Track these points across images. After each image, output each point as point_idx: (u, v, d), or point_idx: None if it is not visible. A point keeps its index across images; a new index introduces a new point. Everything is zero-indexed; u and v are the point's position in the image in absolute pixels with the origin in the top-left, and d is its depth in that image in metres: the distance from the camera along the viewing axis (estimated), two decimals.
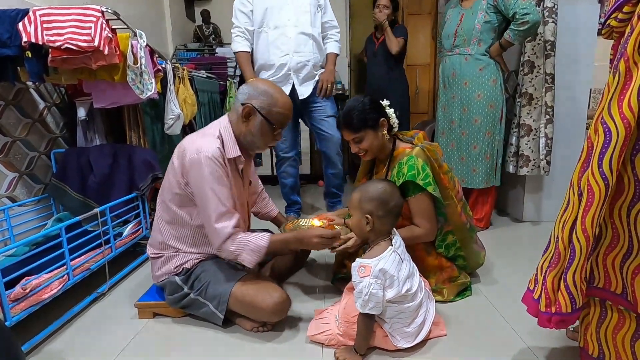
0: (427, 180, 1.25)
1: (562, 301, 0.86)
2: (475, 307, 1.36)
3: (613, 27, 0.84)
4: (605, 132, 0.77)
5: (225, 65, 3.31)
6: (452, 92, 2.10)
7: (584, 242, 0.81)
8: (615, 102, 0.77)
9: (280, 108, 1.24)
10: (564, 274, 0.86)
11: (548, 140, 2.02)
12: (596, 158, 0.79)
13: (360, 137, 1.33)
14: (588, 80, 2.15)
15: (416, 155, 1.28)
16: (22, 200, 1.71)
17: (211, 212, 1.16)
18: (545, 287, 0.89)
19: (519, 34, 1.85)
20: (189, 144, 1.22)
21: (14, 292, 1.13)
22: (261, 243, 1.19)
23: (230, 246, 1.18)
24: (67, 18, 1.37)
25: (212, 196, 1.16)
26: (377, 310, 1.03)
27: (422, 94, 4.28)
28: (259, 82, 1.27)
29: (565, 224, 0.86)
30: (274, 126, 1.25)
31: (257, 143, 1.28)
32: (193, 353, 1.14)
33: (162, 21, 3.38)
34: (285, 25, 2.07)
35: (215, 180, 1.17)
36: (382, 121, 1.33)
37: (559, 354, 1.09)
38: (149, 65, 1.68)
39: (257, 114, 1.23)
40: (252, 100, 1.23)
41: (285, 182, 2.33)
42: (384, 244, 1.08)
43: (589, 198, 0.80)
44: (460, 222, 1.37)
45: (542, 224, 2.24)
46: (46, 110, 1.87)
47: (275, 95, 1.24)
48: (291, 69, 2.10)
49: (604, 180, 0.77)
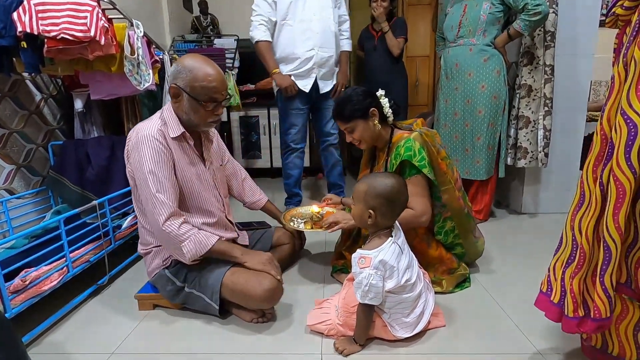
0: (422, 162, 1.26)
1: (600, 305, 0.80)
2: (474, 298, 1.37)
3: (619, 15, 0.82)
4: (628, 125, 0.74)
5: (223, 56, 3.28)
6: (455, 83, 2.08)
7: (619, 239, 0.77)
8: (633, 93, 0.74)
9: (201, 81, 1.17)
10: (600, 277, 0.80)
11: (546, 132, 2.02)
12: (622, 152, 0.75)
13: (352, 127, 1.36)
14: (588, 72, 2.14)
15: (414, 138, 1.29)
16: (20, 192, 1.70)
17: (151, 190, 1.14)
18: (572, 291, 0.85)
19: (530, 25, 1.85)
20: (132, 130, 1.20)
21: (14, 284, 1.13)
22: (210, 239, 1.19)
23: (178, 227, 1.15)
24: (62, 7, 1.35)
25: (150, 175, 1.14)
26: (377, 300, 1.03)
27: (422, 86, 4.26)
28: (184, 59, 1.21)
29: (588, 222, 0.82)
30: (202, 102, 1.19)
31: (195, 121, 1.23)
32: (193, 344, 1.15)
33: (159, 12, 3.33)
34: (310, 20, 2.08)
35: (153, 159, 1.15)
36: (372, 111, 1.34)
37: (560, 346, 1.10)
38: (147, 56, 1.67)
39: (182, 93, 1.19)
40: (177, 80, 1.19)
41: (292, 172, 2.31)
42: (384, 235, 1.09)
43: (619, 193, 0.76)
44: (459, 206, 1.37)
45: (540, 216, 2.25)
46: (43, 101, 1.85)
47: (196, 70, 1.17)
48: (316, 64, 2.11)
49: (634, 174, 0.74)
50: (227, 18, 3.90)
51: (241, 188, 1.61)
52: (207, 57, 1.23)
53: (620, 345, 0.90)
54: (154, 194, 1.14)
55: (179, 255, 1.19)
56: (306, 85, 2.15)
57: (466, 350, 1.09)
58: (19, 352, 0.80)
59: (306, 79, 2.14)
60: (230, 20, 3.89)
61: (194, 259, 1.18)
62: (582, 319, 0.85)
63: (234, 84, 3.12)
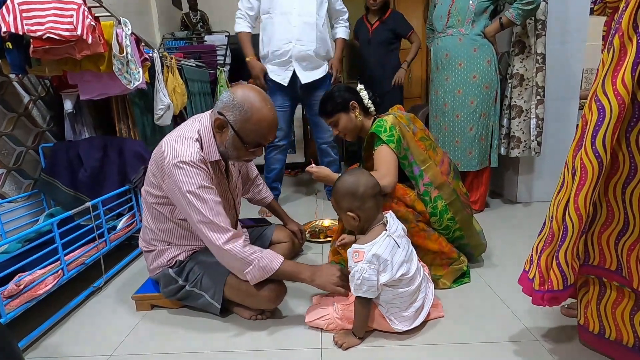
0: (391, 138, 1.32)
1: (554, 279, 0.87)
2: (472, 288, 1.37)
3: (607, 2, 0.83)
4: (599, 110, 0.76)
5: (214, 53, 3.25)
6: (446, 73, 2.08)
7: (577, 220, 0.81)
8: (609, 79, 0.76)
9: (254, 125, 1.10)
10: (556, 252, 0.86)
11: (539, 121, 2.02)
12: (589, 136, 0.78)
13: (335, 121, 1.47)
14: (580, 60, 2.15)
15: (385, 119, 1.36)
16: (12, 196, 1.68)
17: (206, 216, 1.09)
18: (540, 266, 0.90)
19: (523, 14, 1.85)
20: (167, 146, 1.12)
21: (8, 288, 1.11)
22: (273, 265, 1.12)
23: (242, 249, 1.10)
24: (46, 6, 1.32)
25: (200, 202, 1.09)
26: (371, 294, 1.04)
27: (415, 79, 4.26)
28: (239, 90, 1.12)
29: (560, 203, 0.86)
30: (246, 145, 1.14)
31: (230, 156, 1.19)
32: (192, 343, 1.14)
33: (147, 9, 3.29)
34: (290, 13, 2.08)
35: (202, 186, 1.09)
36: (352, 104, 1.44)
37: (556, 333, 1.11)
38: (136, 55, 1.64)
39: (229, 128, 1.12)
40: (227, 112, 1.11)
41: (273, 167, 2.33)
42: (378, 229, 1.08)
43: (582, 177, 0.80)
44: (443, 180, 1.37)
45: (534, 204, 2.26)
46: (31, 103, 1.82)
47: (252, 110, 1.09)
48: (293, 57, 2.11)
49: (597, 158, 0.77)
50: (217, 14, 3.87)
51: (250, 187, 1.64)
52: (265, 95, 1.14)
53: (617, 330, 0.91)
54: (211, 220, 1.09)
55: (241, 276, 1.15)
56: (284, 79, 2.15)
57: (465, 339, 1.10)
58: (16, 357, 0.79)
59: (284, 70, 2.15)
60: (220, 17, 3.86)
61: (258, 280, 1.14)
62: (546, 292, 0.89)
63: (225, 81, 3.09)
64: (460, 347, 1.07)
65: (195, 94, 2.58)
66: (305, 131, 3.53)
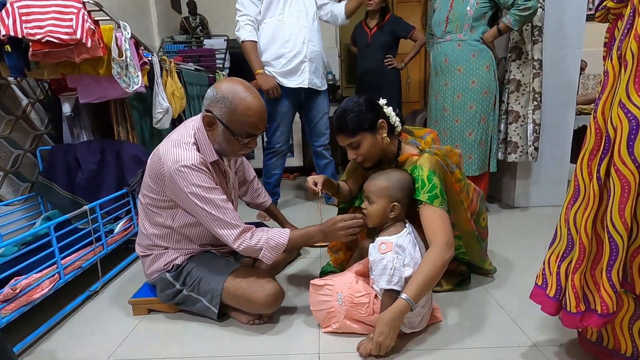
0: (433, 192, 1.12)
1: (608, 300, 0.79)
2: (470, 292, 1.37)
3: (610, 8, 0.81)
4: (629, 118, 0.74)
5: (213, 57, 3.26)
6: (445, 79, 2.09)
7: (625, 234, 0.76)
8: (632, 86, 0.73)
9: (241, 115, 1.10)
10: (607, 272, 0.79)
11: (536, 126, 2.04)
12: (624, 145, 0.74)
13: (358, 142, 1.18)
14: (576, 66, 2.17)
15: (421, 165, 1.15)
16: (9, 199, 1.67)
17: (215, 216, 1.12)
18: (574, 287, 0.84)
19: (520, 20, 1.87)
20: (166, 152, 1.13)
21: (3, 292, 1.10)
22: (281, 240, 1.15)
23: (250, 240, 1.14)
24: (46, 10, 1.33)
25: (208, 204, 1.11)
26: (401, 285, 1.04)
27: (413, 84, 4.28)
28: (222, 84, 1.13)
29: (583, 216, 0.82)
30: (238, 137, 1.14)
31: (226, 151, 1.19)
32: (189, 348, 1.14)
33: (146, 13, 3.30)
34: (298, 16, 2.11)
35: (206, 188, 1.11)
36: (381, 122, 1.18)
37: (554, 337, 1.11)
38: (135, 58, 1.64)
39: (218, 123, 1.13)
40: (213, 107, 1.12)
41: (274, 173, 2.33)
42: (399, 226, 1.13)
43: (624, 188, 0.75)
44: (470, 229, 1.29)
45: (532, 209, 2.27)
46: (30, 106, 1.82)
47: (236, 101, 1.10)
48: (307, 57, 2.13)
49: (638, 167, 0.74)
50: (217, 18, 3.88)
51: (248, 190, 1.62)
52: (248, 84, 1.15)
53: (615, 339, 0.89)
54: (219, 217, 1.12)
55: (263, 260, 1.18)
56: (302, 81, 2.15)
57: (463, 344, 1.09)
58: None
59: (299, 74, 2.14)
60: (219, 21, 3.87)
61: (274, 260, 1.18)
62: (585, 314, 0.84)
63: None
64: (458, 352, 1.06)
65: (194, 98, 2.58)
66: (304, 135, 3.53)
